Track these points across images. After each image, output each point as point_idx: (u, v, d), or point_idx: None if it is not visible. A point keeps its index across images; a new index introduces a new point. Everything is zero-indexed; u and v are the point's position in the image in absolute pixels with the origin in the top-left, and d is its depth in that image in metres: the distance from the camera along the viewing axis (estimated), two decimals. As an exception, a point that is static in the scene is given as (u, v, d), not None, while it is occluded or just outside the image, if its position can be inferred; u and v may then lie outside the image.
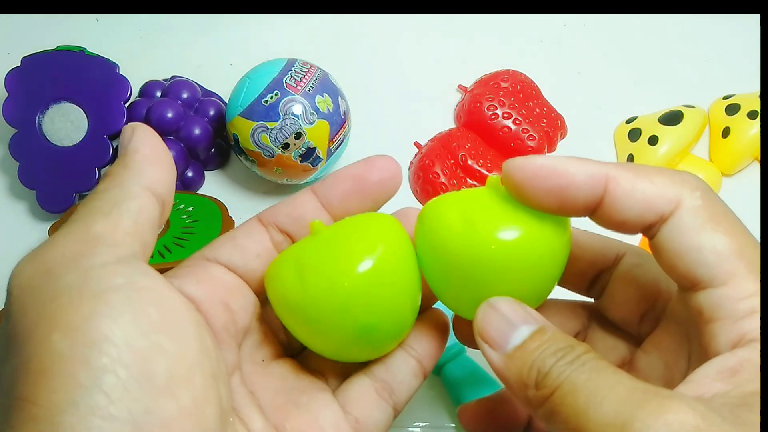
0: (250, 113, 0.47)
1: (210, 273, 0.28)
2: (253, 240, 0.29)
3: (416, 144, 0.55)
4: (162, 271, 0.44)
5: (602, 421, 0.23)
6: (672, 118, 0.53)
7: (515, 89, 0.54)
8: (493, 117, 0.53)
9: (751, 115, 0.53)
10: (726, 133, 0.54)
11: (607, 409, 0.23)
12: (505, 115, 0.53)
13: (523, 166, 0.26)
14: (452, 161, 0.52)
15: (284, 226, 0.29)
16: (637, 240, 0.51)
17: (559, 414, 0.24)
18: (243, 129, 0.48)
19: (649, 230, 0.26)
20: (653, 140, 0.52)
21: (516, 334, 0.26)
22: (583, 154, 0.57)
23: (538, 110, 0.55)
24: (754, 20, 0.60)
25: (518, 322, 0.26)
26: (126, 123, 0.50)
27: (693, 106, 0.55)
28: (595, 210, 0.26)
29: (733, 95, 0.55)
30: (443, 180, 0.51)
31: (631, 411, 0.23)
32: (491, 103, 0.54)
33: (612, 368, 0.24)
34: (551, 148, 0.55)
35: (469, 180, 0.52)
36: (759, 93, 0.54)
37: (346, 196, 0.29)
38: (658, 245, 0.26)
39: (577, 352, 0.25)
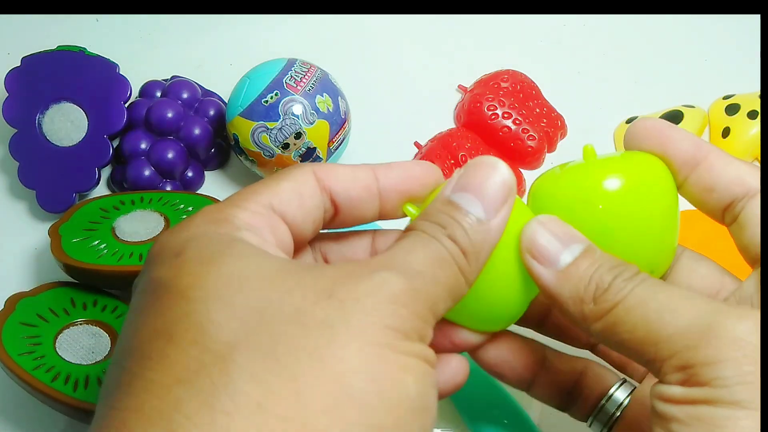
0: (250, 113, 0.47)
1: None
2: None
3: (416, 144, 0.55)
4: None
5: (680, 327, 0.24)
6: (672, 118, 0.53)
7: (515, 89, 0.54)
8: (493, 117, 0.53)
9: (751, 115, 0.53)
10: (726, 133, 0.54)
11: (686, 316, 0.24)
12: (505, 115, 0.53)
13: (640, 123, 0.29)
14: (452, 161, 0.52)
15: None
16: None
17: (624, 325, 0.25)
18: (243, 129, 0.48)
19: (729, 211, 0.28)
20: (653, 140, 0.52)
21: (567, 251, 0.27)
22: (582, 154, 0.56)
23: (538, 110, 0.55)
24: (754, 20, 0.60)
25: (567, 240, 0.27)
26: (126, 123, 0.50)
27: (693, 106, 0.55)
28: (688, 174, 0.28)
29: (733, 95, 0.55)
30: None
31: (712, 317, 0.24)
32: (491, 103, 0.54)
33: (674, 285, 0.26)
34: (551, 148, 0.55)
35: (469, 180, 0.52)
36: (759, 93, 0.54)
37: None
38: (741, 221, 0.27)
39: (633, 270, 0.26)
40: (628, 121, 0.55)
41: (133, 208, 0.48)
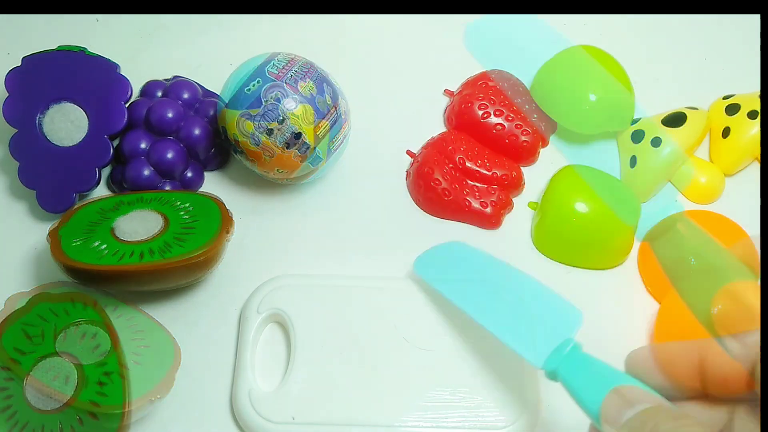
0: (234, 103, 0.48)
1: None
2: None
3: (409, 153, 0.55)
4: (162, 269, 0.44)
5: None
6: (675, 120, 0.53)
7: (503, 87, 0.54)
8: (485, 116, 0.53)
9: (751, 115, 0.53)
10: (726, 133, 0.54)
11: None
12: (497, 113, 0.53)
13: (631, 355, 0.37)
14: (451, 165, 0.52)
15: None
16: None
17: None
18: (229, 119, 0.48)
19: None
20: (656, 142, 0.52)
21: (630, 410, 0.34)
22: (584, 156, 0.56)
23: (528, 106, 0.55)
24: (754, 20, 0.60)
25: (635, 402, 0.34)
26: (126, 123, 0.50)
27: (696, 108, 0.55)
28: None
29: (733, 95, 0.55)
30: (445, 185, 0.51)
31: None
32: (482, 102, 0.54)
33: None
34: (544, 143, 0.55)
35: (469, 182, 0.52)
36: (759, 93, 0.54)
37: None
38: None
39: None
40: (631, 123, 0.55)
41: (133, 208, 0.48)
